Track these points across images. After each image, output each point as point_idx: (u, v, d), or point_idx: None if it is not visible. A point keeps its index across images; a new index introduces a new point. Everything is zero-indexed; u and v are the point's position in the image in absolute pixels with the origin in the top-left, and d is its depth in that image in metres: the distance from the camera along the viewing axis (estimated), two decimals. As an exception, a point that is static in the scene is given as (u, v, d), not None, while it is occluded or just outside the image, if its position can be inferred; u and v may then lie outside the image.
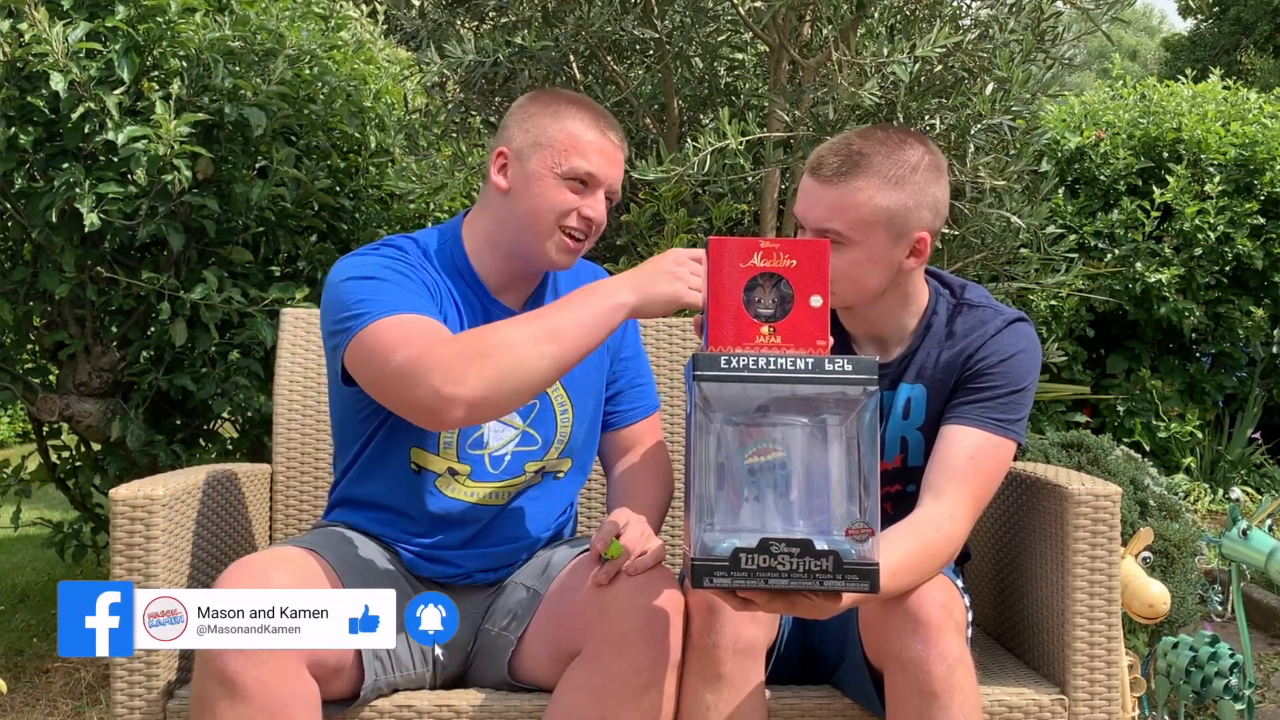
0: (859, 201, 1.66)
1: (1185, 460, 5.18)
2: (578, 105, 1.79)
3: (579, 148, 1.74)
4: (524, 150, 1.76)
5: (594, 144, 1.75)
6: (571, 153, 1.73)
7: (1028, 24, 2.97)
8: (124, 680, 1.74)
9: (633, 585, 1.62)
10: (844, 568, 1.35)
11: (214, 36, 2.87)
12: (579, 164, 1.73)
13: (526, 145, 1.76)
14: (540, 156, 1.74)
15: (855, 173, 1.66)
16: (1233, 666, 2.43)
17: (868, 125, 1.83)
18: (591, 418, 1.91)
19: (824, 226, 1.67)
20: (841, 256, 1.65)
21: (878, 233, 1.67)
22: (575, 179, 1.74)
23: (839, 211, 1.66)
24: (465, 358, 1.54)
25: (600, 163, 1.75)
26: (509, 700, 1.71)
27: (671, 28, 3.31)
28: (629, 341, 1.98)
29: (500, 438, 1.82)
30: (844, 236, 1.66)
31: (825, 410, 1.42)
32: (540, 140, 1.75)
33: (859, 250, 1.67)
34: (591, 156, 1.74)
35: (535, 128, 1.76)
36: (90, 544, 3.46)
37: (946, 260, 3.30)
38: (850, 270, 1.68)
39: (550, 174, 1.74)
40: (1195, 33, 14.45)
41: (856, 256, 1.68)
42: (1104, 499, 1.76)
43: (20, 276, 3.09)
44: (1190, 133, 5.10)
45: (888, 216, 1.67)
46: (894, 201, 1.67)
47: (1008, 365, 1.74)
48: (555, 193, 1.74)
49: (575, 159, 1.73)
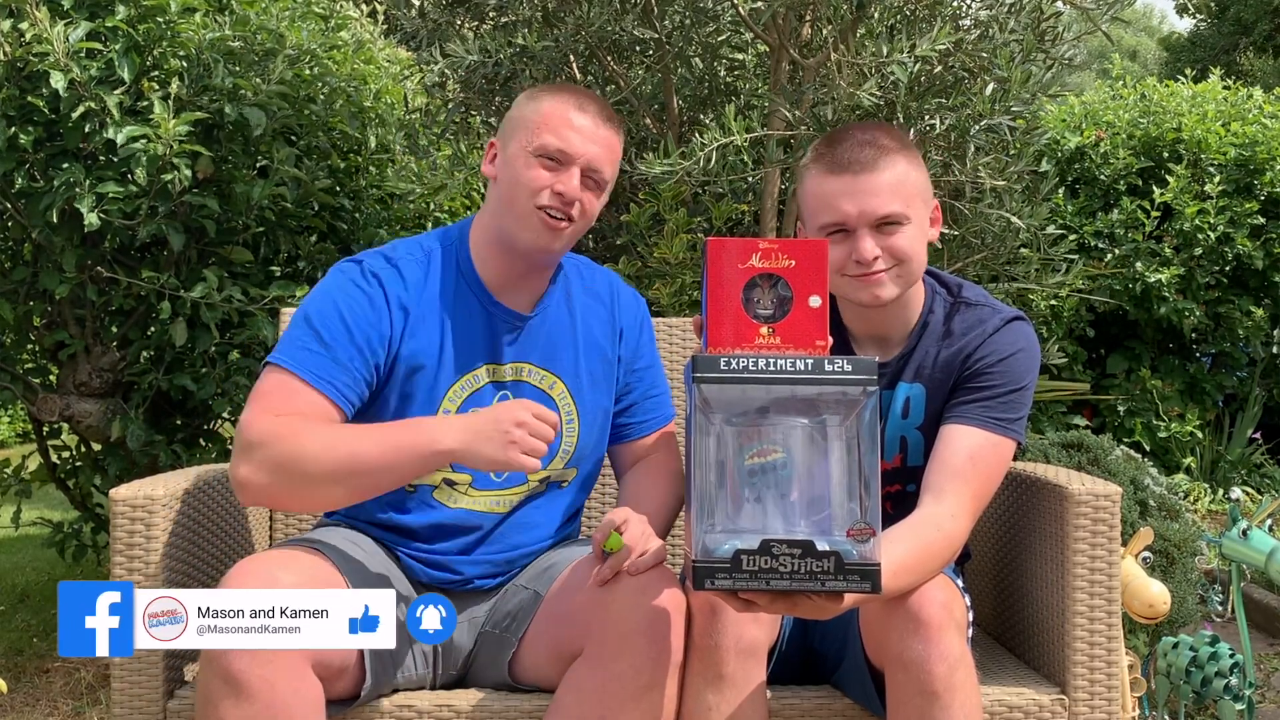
0: (905, 177, 1.71)
1: (1185, 460, 5.18)
2: (560, 89, 1.80)
3: (549, 124, 1.73)
4: (505, 136, 1.78)
5: (566, 120, 1.73)
6: (542, 129, 1.73)
7: (1028, 24, 2.97)
8: (124, 680, 1.74)
9: (634, 586, 1.61)
10: (845, 568, 1.35)
11: (214, 36, 2.87)
12: (548, 140, 1.72)
13: (508, 131, 1.78)
14: (516, 139, 1.75)
15: (889, 155, 1.70)
16: (1233, 666, 2.43)
17: (837, 128, 1.85)
18: (600, 427, 1.89)
19: (888, 211, 1.68)
20: (904, 235, 1.70)
21: (920, 206, 1.74)
22: (546, 156, 1.73)
23: (895, 193, 1.69)
24: (266, 457, 1.59)
25: (572, 137, 1.73)
26: (509, 700, 1.71)
27: (671, 28, 3.31)
28: (644, 351, 1.96)
29: None
30: (905, 216, 1.70)
31: (825, 411, 1.42)
32: (518, 124, 1.76)
33: (913, 226, 1.72)
34: (562, 132, 1.73)
35: (517, 113, 1.78)
36: (90, 544, 3.46)
37: (946, 260, 3.30)
38: (914, 245, 1.72)
39: (524, 153, 1.74)
40: (1195, 33, 14.45)
41: (914, 233, 1.72)
42: (1104, 499, 1.77)
43: (20, 276, 3.09)
44: (1190, 133, 5.10)
45: (921, 188, 1.74)
46: (920, 174, 1.75)
47: (1007, 364, 1.74)
48: (527, 171, 1.73)
49: (545, 135, 1.73)
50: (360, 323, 1.71)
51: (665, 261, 3.11)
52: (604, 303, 1.91)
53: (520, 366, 1.82)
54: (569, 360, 1.85)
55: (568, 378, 1.85)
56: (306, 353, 1.68)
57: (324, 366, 1.68)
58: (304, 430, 1.62)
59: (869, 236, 1.69)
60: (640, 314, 1.96)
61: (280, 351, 1.70)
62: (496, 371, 1.80)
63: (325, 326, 1.70)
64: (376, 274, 1.75)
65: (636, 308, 1.96)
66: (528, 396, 1.80)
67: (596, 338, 1.88)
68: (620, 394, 1.92)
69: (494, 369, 1.80)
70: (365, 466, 1.59)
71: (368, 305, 1.72)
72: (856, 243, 1.69)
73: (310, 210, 3.24)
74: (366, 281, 1.74)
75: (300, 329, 1.71)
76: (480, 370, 1.79)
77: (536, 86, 1.84)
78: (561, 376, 1.84)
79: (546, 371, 1.83)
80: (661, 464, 1.93)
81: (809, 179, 1.74)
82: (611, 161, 1.79)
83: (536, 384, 1.83)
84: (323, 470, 1.59)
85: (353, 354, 1.70)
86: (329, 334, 1.69)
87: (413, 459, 1.60)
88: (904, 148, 1.73)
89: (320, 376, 1.67)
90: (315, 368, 1.67)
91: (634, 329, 1.93)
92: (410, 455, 1.60)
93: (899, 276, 1.72)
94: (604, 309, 1.90)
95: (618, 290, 1.94)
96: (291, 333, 1.71)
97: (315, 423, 1.65)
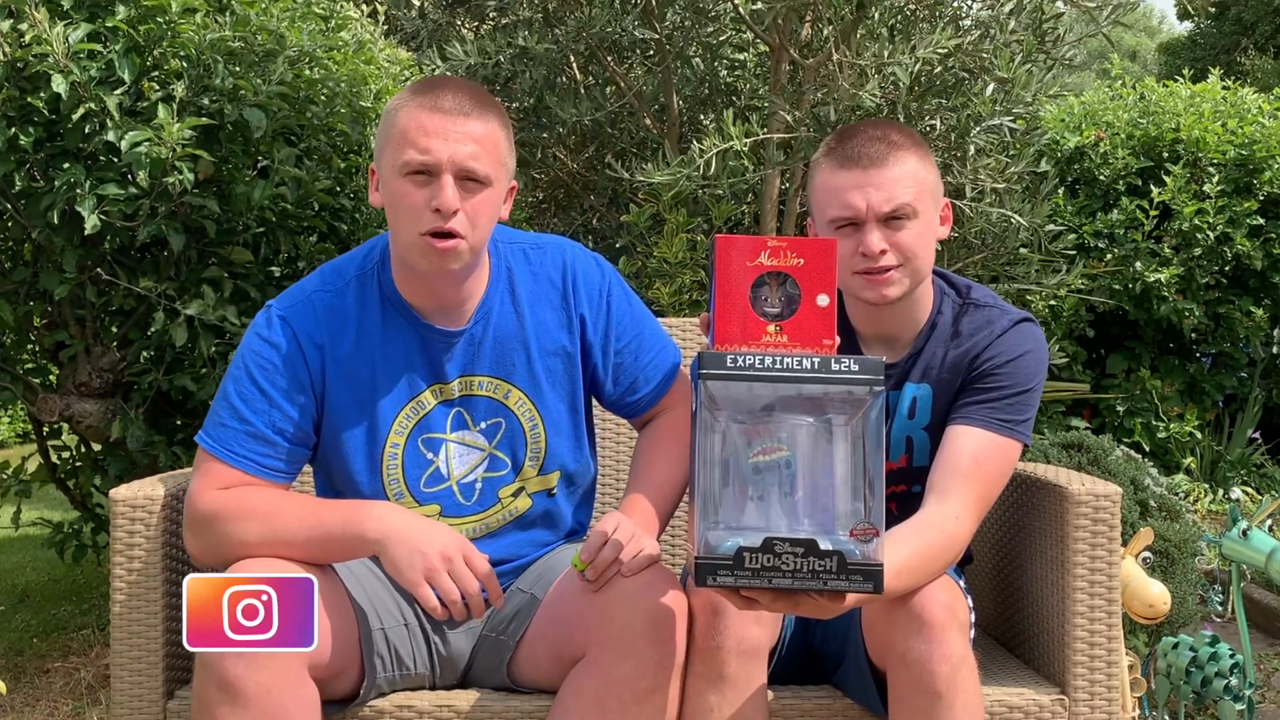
0: (915, 171, 1.71)
1: (1185, 460, 5.18)
2: (415, 87, 1.63)
3: (408, 135, 1.57)
4: (378, 158, 1.64)
5: (420, 126, 1.57)
6: (403, 143, 1.57)
7: (1028, 24, 2.97)
8: (124, 680, 1.74)
9: (635, 588, 1.59)
10: (848, 568, 1.35)
11: (214, 37, 2.86)
12: (410, 155, 1.57)
13: (378, 151, 1.64)
14: (385, 160, 1.61)
15: (899, 150, 1.71)
16: (1233, 667, 2.43)
17: (848, 125, 1.85)
18: (572, 424, 1.79)
19: (897, 205, 1.68)
20: (910, 231, 1.70)
21: (929, 202, 1.74)
22: (413, 172, 1.57)
23: (904, 186, 1.69)
24: (209, 536, 1.62)
25: (432, 144, 1.56)
26: (509, 701, 1.71)
27: (672, 28, 3.31)
28: (620, 322, 1.80)
29: (465, 463, 1.75)
30: (913, 210, 1.70)
31: (831, 410, 1.42)
32: (383, 141, 1.62)
33: (921, 222, 1.72)
34: (420, 141, 1.56)
35: (382, 129, 1.63)
36: (90, 544, 3.45)
37: (947, 261, 3.30)
38: (921, 242, 1.72)
39: (394, 175, 1.59)
40: (1195, 33, 14.44)
41: (922, 229, 1.72)
42: (1104, 499, 1.77)
43: (20, 277, 3.09)
44: (1189, 133, 5.10)
45: (931, 185, 1.75)
46: (931, 171, 1.76)
47: (1014, 366, 1.74)
48: (401, 195, 1.58)
49: (406, 150, 1.57)
50: (274, 379, 1.67)
51: (665, 261, 3.11)
52: (556, 288, 1.76)
53: (469, 380, 1.74)
54: (521, 364, 1.74)
55: (522, 383, 1.75)
56: (223, 429, 1.67)
57: (241, 443, 1.66)
58: (242, 506, 1.62)
59: (876, 230, 1.69)
60: (602, 284, 1.78)
61: (206, 428, 1.69)
62: (443, 391, 1.73)
63: (240, 395, 1.67)
64: (284, 317, 1.69)
65: (598, 279, 1.78)
66: (479, 409, 1.74)
67: (551, 333, 1.76)
68: (615, 377, 1.80)
69: (440, 389, 1.73)
70: (295, 551, 1.59)
71: (277, 358, 1.67)
72: (864, 236, 1.69)
73: (310, 211, 3.24)
74: (272, 330, 1.69)
75: (220, 401, 1.69)
76: (425, 394, 1.72)
77: (407, 90, 1.64)
78: (516, 383, 1.75)
79: (499, 380, 1.74)
80: (671, 425, 1.82)
81: (819, 173, 1.74)
82: (487, 153, 1.60)
83: (490, 394, 1.75)
84: (262, 551, 1.59)
85: (274, 417, 1.67)
86: (244, 404, 1.66)
87: (336, 545, 1.59)
88: (915, 145, 1.74)
89: (239, 455, 1.66)
90: (234, 446, 1.66)
91: (598, 308, 1.78)
92: (336, 541, 1.59)
93: (906, 274, 1.71)
94: (556, 296, 1.76)
95: (571, 268, 1.77)
96: (215, 405, 1.69)
97: (255, 497, 1.64)
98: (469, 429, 1.75)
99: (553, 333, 1.77)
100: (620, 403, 1.84)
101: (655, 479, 1.78)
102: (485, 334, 1.73)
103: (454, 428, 1.75)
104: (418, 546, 1.54)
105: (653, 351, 1.83)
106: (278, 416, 1.67)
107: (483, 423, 1.76)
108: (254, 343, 1.69)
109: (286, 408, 1.68)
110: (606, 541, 1.61)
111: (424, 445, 1.73)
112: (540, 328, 1.76)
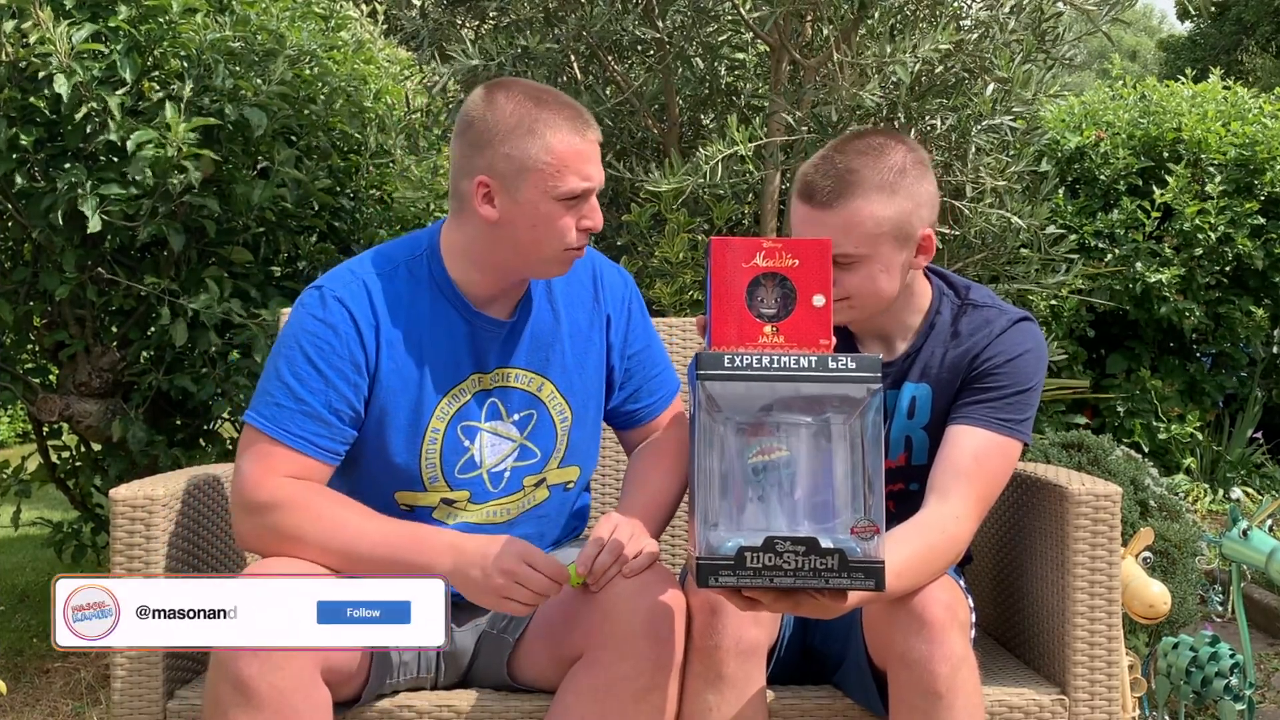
0: (861, 219, 1.66)
1: (1185, 461, 5.18)
2: (550, 110, 1.65)
3: (569, 164, 1.63)
4: (510, 177, 1.64)
5: (578, 154, 1.64)
6: (564, 172, 1.63)
7: (1028, 24, 2.98)
8: (124, 680, 1.73)
9: (634, 588, 1.60)
10: (850, 566, 1.34)
11: (215, 37, 2.87)
12: (573, 184, 1.64)
13: (511, 172, 1.64)
14: (530, 183, 1.64)
15: (850, 192, 1.66)
16: (1233, 667, 2.43)
17: (845, 133, 1.83)
18: (593, 421, 1.86)
19: (838, 250, 1.63)
20: (855, 274, 1.67)
21: (885, 243, 1.68)
22: (571, 198, 1.65)
23: (845, 234, 1.66)
24: (267, 524, 1.62)
25: (591, 171, 1.66)
26: (509, 700, 1.71)
27: (672, 28, 3.31)
28: (636, 333, 1.88)
29: (496, 452, 1.77)
30: (854, 256, 1.67)
31: (829, 409, 1.41)
32: (526, 165, 1.63)
33: (871, 264, 1.68)
34: (582, 169, 1.64)
35: (517, 151, 1.63)
36: (90, 544, 3.46)
37: (947, 260, 3.30)
38: (866, 284, 1.69)
39: (545, 199, 1.64)
40: (1196, 33, 14.44)
41: (870, 270, 1.69)
42: (1104, 499, 1.76)
43: (20, 276, 3.09)
44: (1190, 133, 5.10)
45: (892, 225, 1.68)
46: (893, 210, 1.68)
47: (1014, 365, 1.74)
48: (557, 219, 1.65)
49: (569, 179, 1.63)
50: (331, 359, 1.66)
51: (666, 261, 3.11)
52: (588, 289, 1.83)
53: (506, 371, 1.77)
54: (557, 359, 1.79)
55: (556, 377, 1.80)
56: (278, 409, 1.65)
57: (298, 422, 1.64)
58: (307, 508, 1.62)
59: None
60: (626, 294, 1.88)
61: (255, 407, 1.67)
62: (481, 380, 1.76)
63: (295, 375, 1.65)
64: (339, 298, 1.68)
65: (622, 288, 1.87)
66: (514, 400, 1.77)
67: (584, 330, 1.82)
68: (622, 381, 1.87)
69: (480, 378, 1.76)
70: (357, 567, 1.60)
71: (333, 337, 1.66)
72: None
73: (310, 210, 3.24)
74: (328, 310, 1.67)
75: (271, 380, 1.67)
76: (466, 382, 1.75)
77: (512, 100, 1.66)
78: (550, 377, 1.80)
79: (534, 374, 1.78)
80: (666, 442, 1.88)
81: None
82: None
83: (524, 387, 1.78)
84: (316, 554, 1.60)
85: (330, 397, 1.66)
86: (300, 384, 1.65)
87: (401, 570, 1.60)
88: (880, 183, 1.67)
89: (295, 434, 1.64)
90: (290, 426, 1.64)
91: (621, 313, 1.86)
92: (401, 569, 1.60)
93: (851, 309, 1.71)
94: (588, 296, 1.83)
95: (601, 272, 1.86)
96: (264, 384, 1.68)
97: (321, 500, 1.64)
98: (502, 419, 1.77)
99: (585, 330, 1.83)
100: (620, 410, 1.89)
101: (650, 486, 1.81)
102: (524, 327, 1.78)
103: (488, 417, 1.77)
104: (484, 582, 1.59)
105: (659, 367, 1.91)
106: (334, 396, 1.66)
107: (516, 414, 1.78)
108: (307, 322, 1.68)
109: (342, 388, 1.67)
110: (602, 549, 1.63)
111: (462, 433, 1.75)
112: (574, 325, 1.82)
